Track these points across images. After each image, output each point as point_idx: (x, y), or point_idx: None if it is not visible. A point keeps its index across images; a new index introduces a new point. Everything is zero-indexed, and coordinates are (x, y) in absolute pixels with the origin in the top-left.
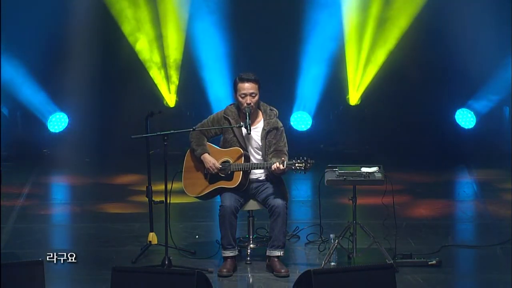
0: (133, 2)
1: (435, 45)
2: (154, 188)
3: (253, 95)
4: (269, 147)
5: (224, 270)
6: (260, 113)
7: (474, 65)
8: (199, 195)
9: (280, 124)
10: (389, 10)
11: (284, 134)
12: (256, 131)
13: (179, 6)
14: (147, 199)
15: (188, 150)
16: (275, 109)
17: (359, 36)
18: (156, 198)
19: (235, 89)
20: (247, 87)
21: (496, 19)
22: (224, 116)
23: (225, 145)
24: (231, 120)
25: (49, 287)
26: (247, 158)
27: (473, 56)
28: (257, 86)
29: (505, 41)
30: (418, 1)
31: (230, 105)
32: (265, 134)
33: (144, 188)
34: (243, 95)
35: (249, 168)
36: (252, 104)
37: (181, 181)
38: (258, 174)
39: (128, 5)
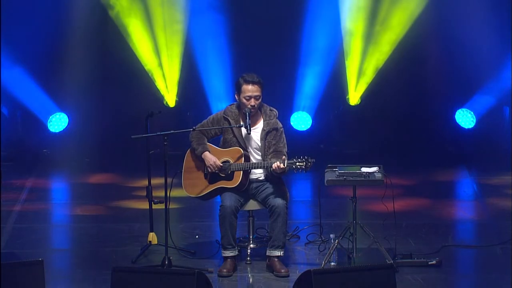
0: (133, 2)
1: (435, 45)
2: (154, 188)
3: (257, 97)
4: (268, 148)
5: (224, 271)
6: (260, 114)
7: (474, 65)
8: (199, 195)
9: (280, 125)
10: (389, 10)
11: (284, 135)
12: (256, 132)
13: (179, 5)
14: (147, 199)
15: (188, 150)
16: (275, 110)
17: (359, 36)
18: (156, 198)
19: (238, 90)
20: (252, 89)
21: (496, 19)
22: (224, 116)
23: (224, 145)
24: (231, 121)
25: (49, 287)
26: (247, 158)
27: (473, 56)
28: (261, 88)
29: (505, 41)
30: (418, 1)
31: (230, 105)
32: (265, 134)
33: (144, 188)
34: (247, 97)
35: (249, 167)
36: (256, 106)
37: (181, 185)
38: (258, 174)
39: (128, 5)
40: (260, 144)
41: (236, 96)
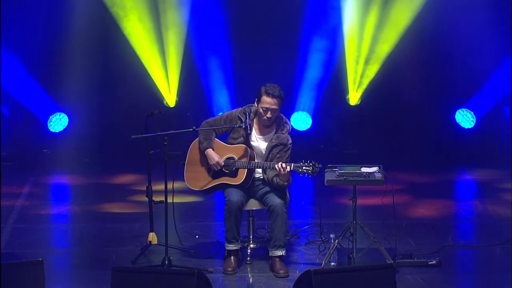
0: (134, 2)
1: (435, 45)
2: (154, 193)
3: (274, 110)
4: (271, 160)
5: (229, 269)
6: (275, 124)
7: (474, 65)
8: (201, 189)
9: (290, 141)
10: (389, 10)
11: (289, 151)
12: (264, 140)
13: (180, 5)
14: (147, 199)
15: (195, 141)
16: (289, 124)
17: (359, 36)
18: (156, 198)
19: (258, 98)
20: (270, 102)
21: (496, 19)
22: (239, 116)
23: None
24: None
25: (49, 287)
26: (252, 157)
27: (473, 56)
28: (280, 101)
29: (505, 41)
30: (418, 1)
31: (249, 106)
32: (271, 147)
33: (144, 188)
34: (264, 109)
35: (254, 166)
36: (271, 118)
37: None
38: (259, 174)
39: (129, 5)
40: (264, 152)
41: (255, 102)
